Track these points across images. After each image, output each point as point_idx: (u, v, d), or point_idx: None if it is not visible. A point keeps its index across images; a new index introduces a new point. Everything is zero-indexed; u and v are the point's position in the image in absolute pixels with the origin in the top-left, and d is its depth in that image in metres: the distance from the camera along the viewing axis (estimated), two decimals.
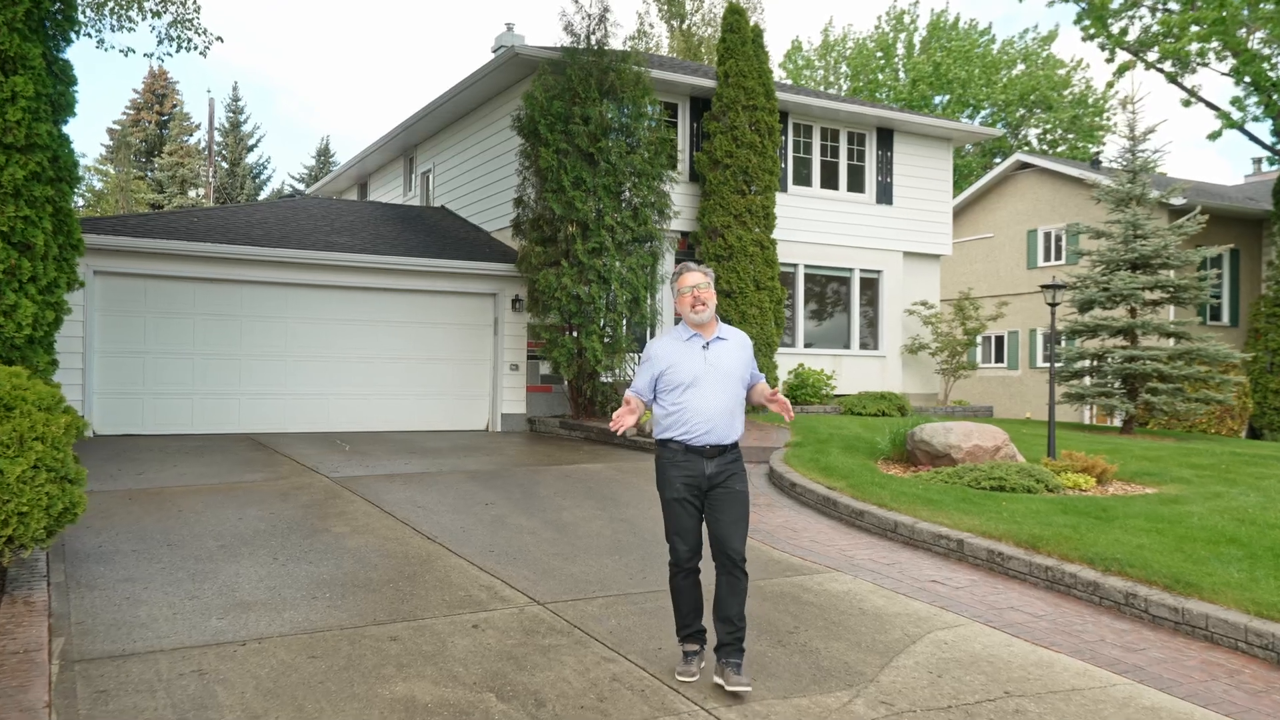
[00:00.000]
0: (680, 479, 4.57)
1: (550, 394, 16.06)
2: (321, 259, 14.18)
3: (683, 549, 4.62)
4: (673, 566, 4.69)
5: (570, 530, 7.82)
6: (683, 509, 4.60)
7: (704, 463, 4.56)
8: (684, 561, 4.64)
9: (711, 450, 4.57)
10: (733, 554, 4.53)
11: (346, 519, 7.84)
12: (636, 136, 14.77)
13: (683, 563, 4.65)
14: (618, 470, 10.83)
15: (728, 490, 4.59)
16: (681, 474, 4.57)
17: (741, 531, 4.60)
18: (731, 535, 4.55)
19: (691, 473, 4.57)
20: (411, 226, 17.20)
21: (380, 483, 9.55)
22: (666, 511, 4.66)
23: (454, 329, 15.55)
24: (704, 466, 4.56)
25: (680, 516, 4.60)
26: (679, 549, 4.62)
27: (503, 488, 9.51)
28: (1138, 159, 15.69)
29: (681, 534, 4.62)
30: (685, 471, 4.57)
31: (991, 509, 7.84)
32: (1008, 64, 38.41)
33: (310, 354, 14.48)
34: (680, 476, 4.57)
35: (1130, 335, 15.49)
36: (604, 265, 14.26)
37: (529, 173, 15.04)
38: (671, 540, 4.65)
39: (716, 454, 4.58)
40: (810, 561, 7.03)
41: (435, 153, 20.16)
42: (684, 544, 4.62)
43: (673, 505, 4.62)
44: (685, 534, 4.62)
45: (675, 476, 4.59)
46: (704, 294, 4.63)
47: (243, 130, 43.31)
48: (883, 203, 19.27)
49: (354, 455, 11.61)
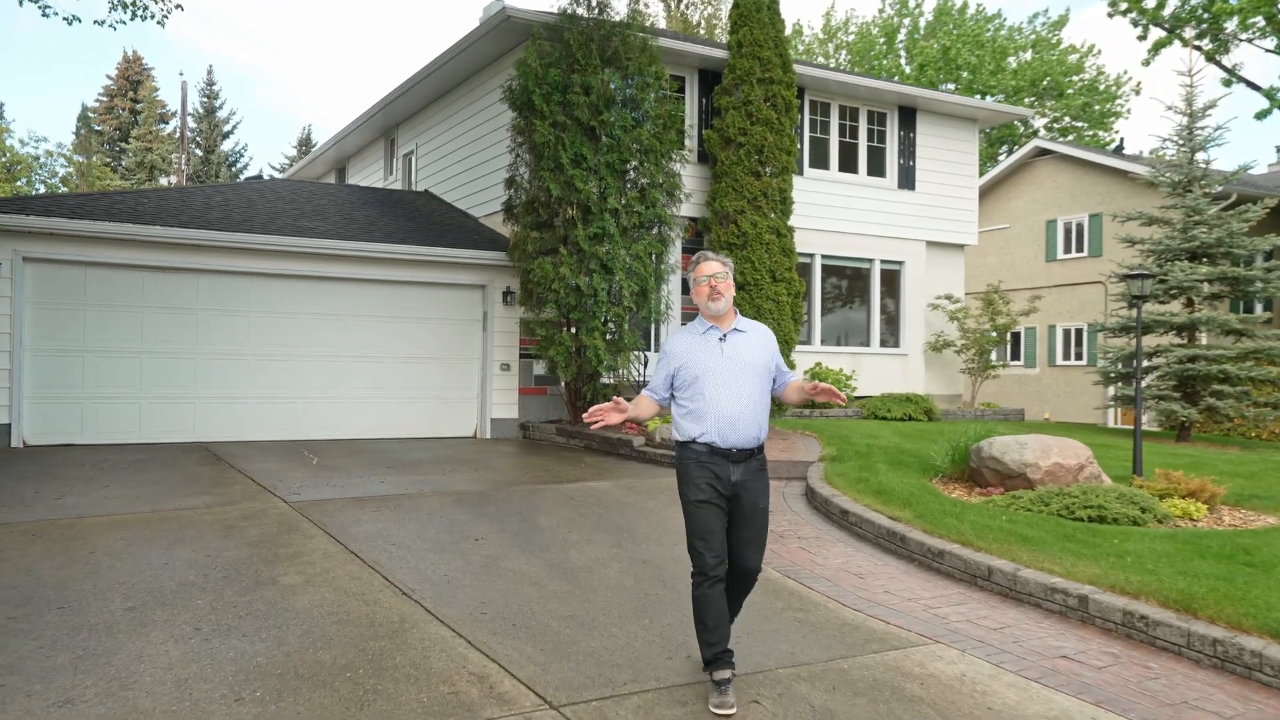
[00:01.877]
0: (705, 479, 4.30)
1: (545, 397, 14.48)
2: (289, 245, 12.54)
3: (709, 556, 4.29)
4: (697, 576, 4.35)
5: (582, 578, 6.25)
6: (709, 512, 4.30)
7: (729, 467, 4.31)
8: (710, 569, 4.29)
9: (737, 454, 4.32)
10: (750, 571, 4.46)
11: (301, 563, 6.25)
12: (643, 109, 13.18)
13: (709, 571, 4.29)
14: (629, 490, 9.27)
15: (752, 507, 4.37)
16: (705, 475, 4.31)
17: (760, 547, 4.47)
18: (751, 553, 4.43)
19: (717, 473, 4.31)
20: (391, 211, 15.58)
21: (348, 509, 7.95)
22: (690, 515, 4.35)
23: (438, 324, 13.95)
24: (729, 471, 4.31)
25: (706, 520, 4.30)
26: (705, 556, 4.29)
27: (496, 515, 7.93)
28: (1195, 137, 14.17)
29: (707, 538, 4.30)
30: (710, 472, 4.31)
31: (1104, 549, 6.32)
32: (1017, 49, 36.94)
33: (276, 352, 12.85)
34: (705, 477, 4.30)
35: (1188, 333, 14.00)
36: (607, 253, 12.67)
37: (522, 150, 13.43)
38: (695, 546, 4.33)
39: (742, 459, 4.34)
40: (896, 626, 5.47)
41: (418, 132, 18.51)
42: (710, 550, 4.29)
43: (698, 508, 4.32)
44: (711, 538, 4.30)
45: (700, 477, 4.31)
46: (721, 284, 4.42)
47: (218, 116, 41.43)
48: (905, 188, 17.75)
49: (321, 470, 10.01)
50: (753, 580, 4.49)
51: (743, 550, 4.37)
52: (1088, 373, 24.88)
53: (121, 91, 43.28)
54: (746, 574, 4.43)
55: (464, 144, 16.51)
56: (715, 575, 4.29)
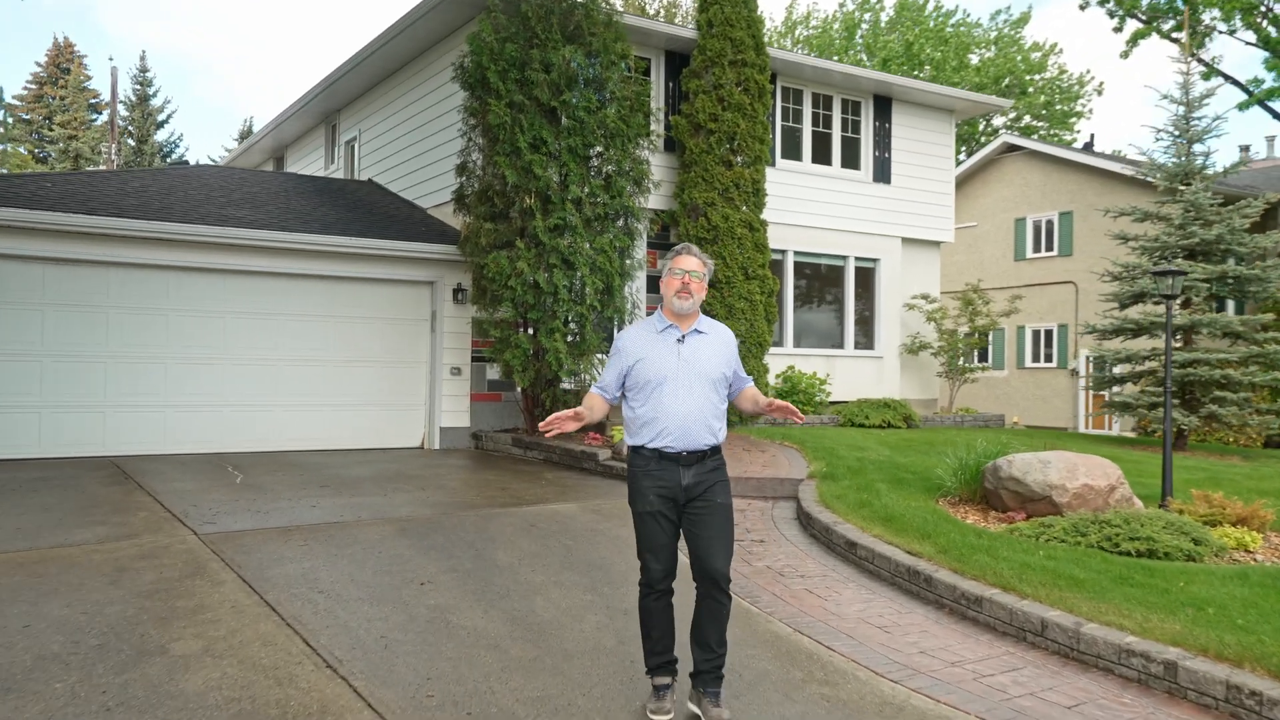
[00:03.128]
0: (654, 490, 4.09)
1: (500, 403, 13.29)
2: (214, 236, 11.21)
3: (656, 569, 4.15)
4: (643, 587, 4.21)
5: (552, 637, 5.12)
6: (656, 524, 4.11)
7: (680, 471, 4.07)
8: (656, 583, 4.16)
9: (688, 457, 4.08)
10: (715, 575, 4.03)
11: (202, 622, 5.03)
12: (608, 90, 12.05)
13: (655, 584, 4.17)
14: (597, 514, 8.14)
15: (707, 503, 4.09)
16: (655, 484, 4.09)
17: (725, 548, 4.08)
18: (713, 553, 4.05)
19: (666, 483, 4.08)
20: (331, 201, 14.27)
21: (270, 542, 6.73)
22: (638, 526, 4.17)
23: (382, 324, 12.69)
24: (680, 476, 4.07)
25: (653, 532, 4.12)
26: (651, 568, 4.15)
27: (445, 549, 6.76)
28: (1191, 128, 13.39)
29: (654, 551, 4.13)
30: (659, 481, 4.09)
31: (1174, 595, 5.34)
32: (978, 45, 36.41)
33: (199, 355, 11.51)
34: (654, 487, 4.09)
35: (1185, 335, 13.21)
36: (569, 246, 11.53)
37: (475, 133, 12.24)
38: (643, 558, 4.17)
39: (694, 461, 4.09)
40: (948, 705, 4.40)
41: (362, 117, 17.19)
42: (657, 563, 4.14)
43: (645, 519, 4.13)
44: (659, 552, 4.13)
45: (648, 487, 4.10)
46: (695, 284, 4.17)
47: (151, 104, 39.37)
48: (880, 181, 16.83)
49: (245, 491, 8.74)
50: (723, 589, 4.03)
51: (706, 549, 4.01)
52: (1058, 374, 24.29)
53: (52, 79, 41.02)
54: (711, 579, 4.01)
55: (411, 128, 15.25)
56: (662, 588, 4.16)
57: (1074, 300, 23.95)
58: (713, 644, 4.05)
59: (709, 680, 4.07)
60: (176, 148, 40.50)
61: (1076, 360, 23.89)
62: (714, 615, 4.03)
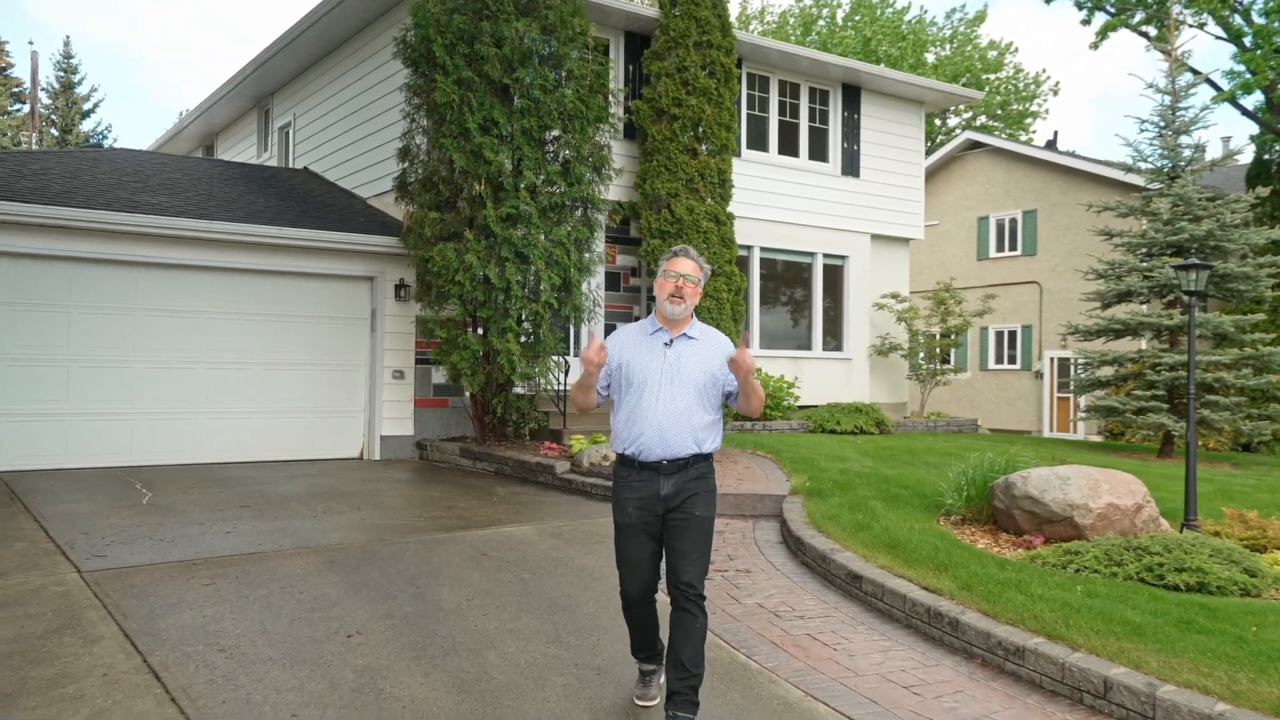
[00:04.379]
0: (631, 502, 3.94)
1: (446, 410, 12.21)
2: (123, 224, 10.00)
3: (632, 585, 4.01)
4: (624, 599, 4.07)
5: (509, 708, 4.12)
6: (633, 538, 3.96)
7: (659, 480, 3.90)
8: (634, 599, 4.03)
9: (668, 466, 3.90)
10: (685, 587, 3.86)
11: (57, 701, 3.95)
12: (565, 68, 11.05)
13: (632, 598, 4.03)
14: (559, 539, 7.15)
15: (685, 515, 3.90)
16: (634, 496, 3.94)
17: (700, 563, 3.90)
18: (685, 566, 3.87)
19: (644, 494, 3.92)
20: (261, 189, 13.06)
21: (170, 580, 5.63)
22: (617, 538, 4.03)
23: (317, 323, 11.55)
24: (659, 486, 3.90)
25: (629, 546, 3.98)
26: (627, 585, 4.02)
27: (381, 587, 5.71)
28: (1177, 118, 12.74)
29: (631, 565, 3.99)
30: (638, 494, 3.93)
31: (1248, 642, 4.50)
32: (934, 43, 36.00)
33: (107, 357, 10.29)
34: (632, 499, 3.94)
35: (1170, 336, 12.55)
36: (523, 238, 10.51)
37: (419, 114, 11.16)
38: (620, 571, 4.03)
39: (674, 470, 3.90)
40: None
41: (296, 101, 15.96)
42: (633, 578, 3.99)
43: (622, 531, 4.00)
44: (635, 567, 3.98)
45: (626, 499, 3.96)
46: (689, 289, 3.96)
47: (77, 92, 37.38)
48: (849, 174, 16.04)
49: (150, 514, 7.59)
50: (694, 602, 3.88)
51: (679, 563, 3.89)
52: (1022, 376, 23.77)
53: None
54: (681, 590, 3.88)
55: (350, 112, 14.09)
56: (640, 604, 4.06)
57: (1038, 301, 23.46)
58: (686, 663, 3.86)
59: (682, 704, 3.87)
60: (105, 138, 38.56)
61: (1041, 362, 23.40)
62: (688, 631, 3.86)
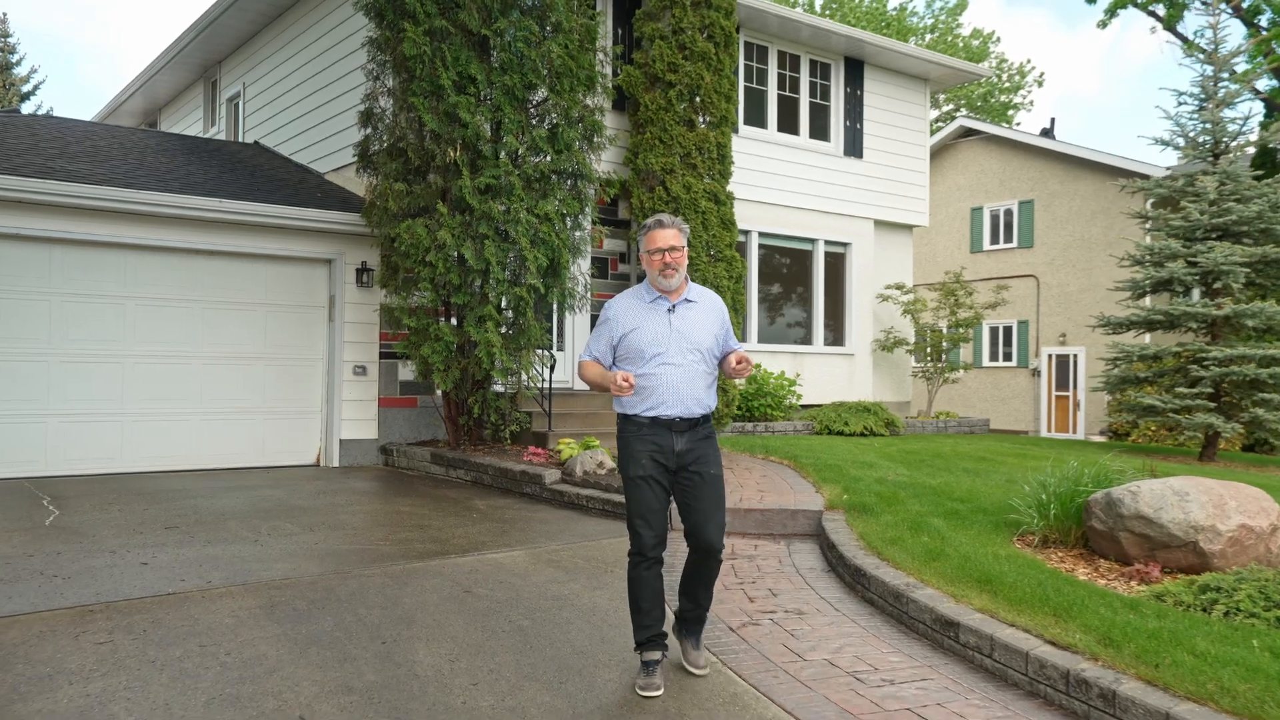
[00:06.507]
0: (647, 453, 4.00)
1: (415, 410, 10.81)
2: (29, 192, 8.50)
3: (648, 535, 4.00)
4: (634, 555, 4.05)
5: None
6: (649, 488, 4.00)
7: (673, 438, 4.01)
8: (649, 549, 4.01)
9: (681, 424, 4.01)
10: (711, 547, 4.03)
11: None
12: (552, 19, 9.69)
13: (647, 551, 4.01)
14: (557, 566, 5.80)
15: (700, 474, 4.02)
16: (649, 448, 4.01)
17: (719, 520, 4.03)
18: (709, 526, 4.01)
19: (660, 444, 4.00)
20: (203, 160, 11.57)
21: (53, 636, 4.22)
22: (630, 492, 4.05)
23: (266, 312, 10.11)
24: (673, 442, 4.01)
25: (646, 498, 4.00)
26: (643, 535, 4.00)
27: (336, 644, 4.34)
28: (1219, 89, 11.63)
29: (647, 517, 4.00)
30: (653, 444, 4.00)
31: None
32: (917, 33, 35.01)
33: (12, 349, 8.80)
34: (647, 450, 4.00)
35: (1216, 329, 11.42)
36: (505, 212, 9.14)
37: (385, 71, 9.77)
38: (634, 525, 4.03)
39: (686, 428, 4.02)
40: None
41: (246, 69, 14.44)
42: (649, 529, 4.00)
43: (638, 484, 4.02)
44: (652, 517, 4.00)
45: (641, 451, 4.01)
46: (676, 257, 4.02)
47: (15, 73, 35.33)
48: (851, 155, 14.83)
49: (50, 538, 6.14)
50: (716, 561, 4.06)
51: (700, 522, 3.99)
52: (1018, 374, 22.73)
53: None
54: (707, 551, 4.03)
55: (306, 78, 12.62)
56: (654, 556, 4.01)
57: (1035, 295, 22.43)
58: (699, 597, 4.11)
59: (691, 626, 4.17)
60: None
61: (1038, 360, 22.37)
62: (705, 577, 4.09)
